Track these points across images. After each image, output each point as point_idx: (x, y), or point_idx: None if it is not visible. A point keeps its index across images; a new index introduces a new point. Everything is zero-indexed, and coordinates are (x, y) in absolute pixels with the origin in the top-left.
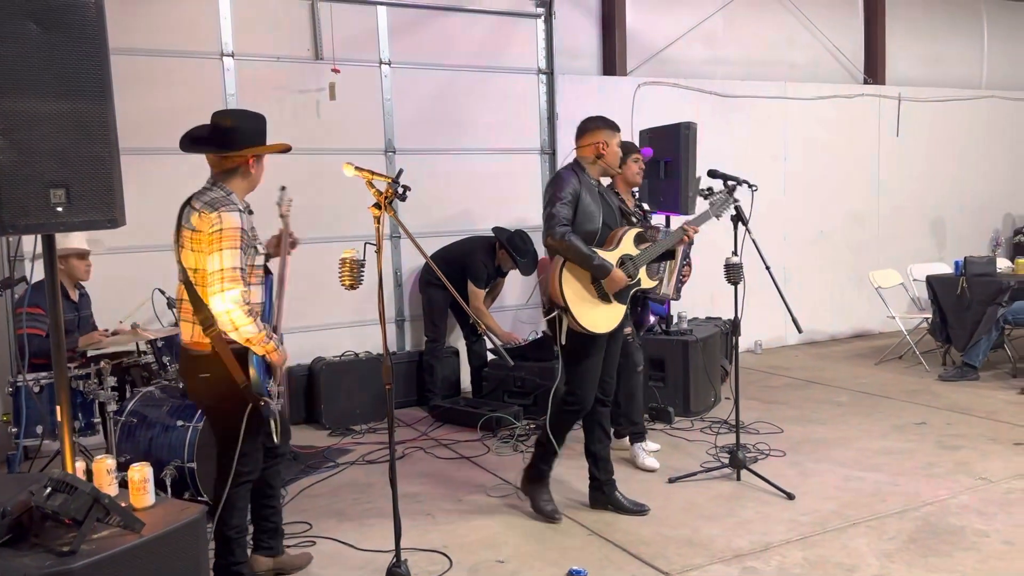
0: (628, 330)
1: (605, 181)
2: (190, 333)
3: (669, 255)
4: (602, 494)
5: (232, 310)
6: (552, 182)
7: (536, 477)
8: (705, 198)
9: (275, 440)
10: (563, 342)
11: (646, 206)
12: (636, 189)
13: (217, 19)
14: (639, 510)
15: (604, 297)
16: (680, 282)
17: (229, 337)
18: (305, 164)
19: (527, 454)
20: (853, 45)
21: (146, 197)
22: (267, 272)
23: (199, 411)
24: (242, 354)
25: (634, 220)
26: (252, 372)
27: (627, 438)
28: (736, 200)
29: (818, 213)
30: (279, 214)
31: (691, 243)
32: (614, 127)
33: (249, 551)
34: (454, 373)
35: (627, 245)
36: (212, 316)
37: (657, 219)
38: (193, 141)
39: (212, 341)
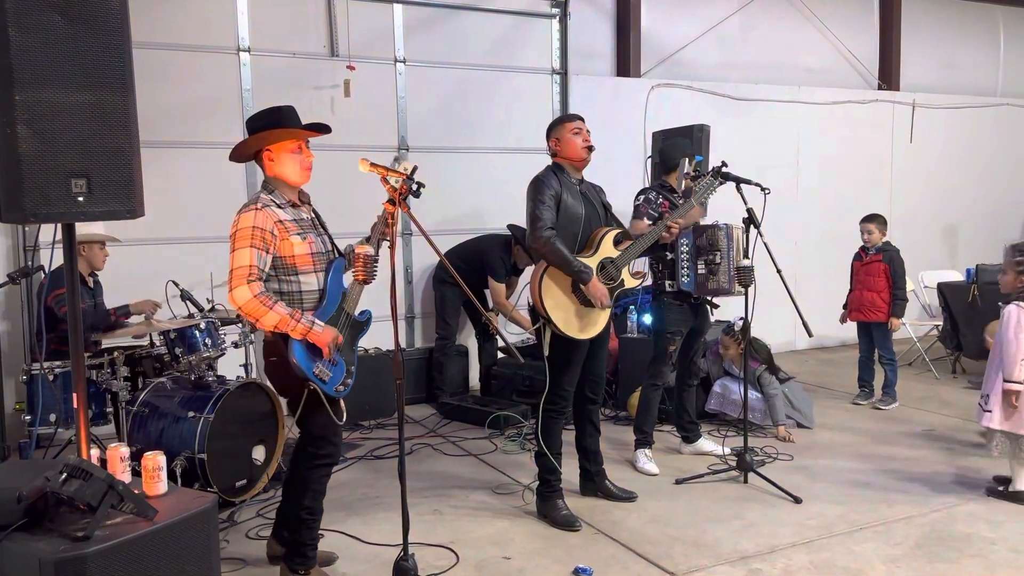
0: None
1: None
2: None
3: (657, 248)
4: (592, 483)
5: (243, 306)
6: (531, 185)
7: (548, 493)
8: (693, 179)
9: (339, 420)
10: (547, 352)
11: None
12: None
13: (234, 14)
14: (627, 497)
15: (587, 302)
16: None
17: None
18: (318, 160)
19: (533, 453)
20: (868, 50)
21: (161, 190)
22: (336, 257)
23: (210, 402)
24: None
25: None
26: (292, 357)
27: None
28: (722, 182)
29: (830, 217)
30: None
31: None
32: (565, 118)
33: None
34: (463, 371)
35: (607, 247)
36: None
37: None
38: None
39: None
